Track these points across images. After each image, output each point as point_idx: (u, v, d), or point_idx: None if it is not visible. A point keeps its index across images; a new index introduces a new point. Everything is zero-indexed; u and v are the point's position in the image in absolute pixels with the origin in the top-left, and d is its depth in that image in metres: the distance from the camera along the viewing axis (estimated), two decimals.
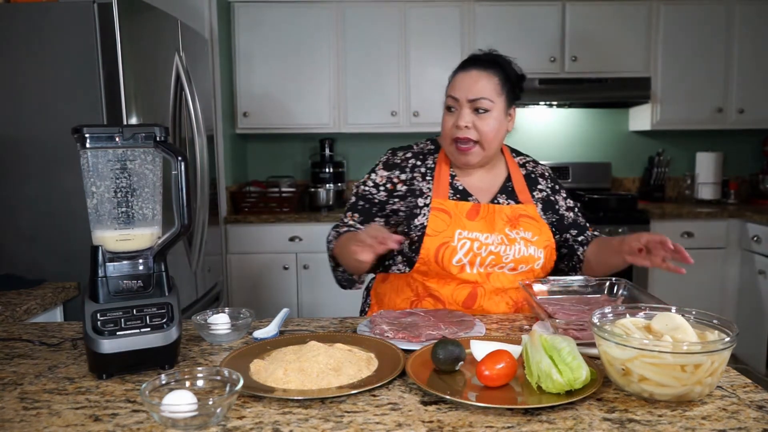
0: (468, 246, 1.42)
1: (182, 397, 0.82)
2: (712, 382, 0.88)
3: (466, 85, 1.43)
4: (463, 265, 1.43)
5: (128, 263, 1.05)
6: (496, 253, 1.43)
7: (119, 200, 1.03)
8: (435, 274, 1.45)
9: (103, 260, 1.03)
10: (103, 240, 1.04)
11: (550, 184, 1.60)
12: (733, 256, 3.46)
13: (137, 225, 1.05)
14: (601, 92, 3.63)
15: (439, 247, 1.42)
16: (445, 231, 1.43)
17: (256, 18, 3.56)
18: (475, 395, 0.91)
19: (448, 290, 1.45)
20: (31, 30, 1.89)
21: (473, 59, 1.49)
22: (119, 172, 1.02)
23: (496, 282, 1.45)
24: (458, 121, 1.43)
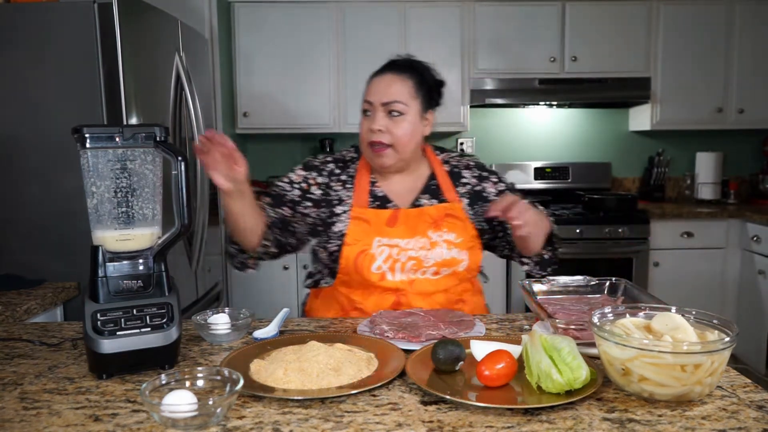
0: (387, 253, 1.41)
1: (182, 397, 0.82)
2: (712, 382, 0.88)
3: (380, 89, 1.43)
4: (383, 272, 1.41)
5: (128, 263, 1.05)
6: (417, 258, 1.41)
7: (119, 200, 1.03)
8: (358, 285, 1.44)
9: (103, 260, 1.03)
10: (104, 240, 1.04)
11: (476, 173, 1.55)
12: (733, 256, 3.46)
13: (137, 225, 1.05)
14: (601, 92, 3.64)
15: (357, 256, 1.41)
16: (363, 239, 1.42)
17: (256, 18, 3.56)
18: (475, 395, 0.91)
19: (372, 301, 1.44)
20: (31, 30, 1.89)
21: (390, 64, 1.51)
22: (119, 172, 1.02)
23: (420, 287, 1.43)
24: (372, 124, 1.42)
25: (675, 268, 3.45)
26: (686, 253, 3.45)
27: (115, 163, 1.02)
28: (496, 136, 4.04)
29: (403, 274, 1.42)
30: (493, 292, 3.44)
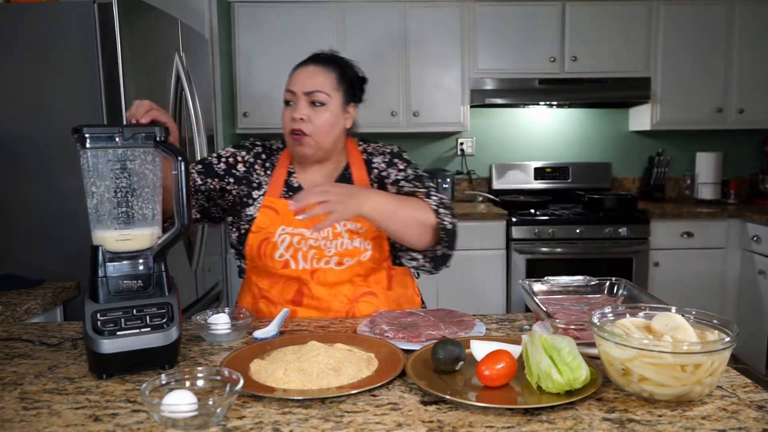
0: (288, 241, 1.42)
1: (182, 397, 0.82)
2: (712, 382, 0.88)
3: (303, 79, 1.44)
4: (286, 260, 1.42)
5: (128, 263, 1.05)
6: (317, 247, 1.41)
7: (119, 200, 1.03)
8: (266, 274, 1.46)
9: (103, 260, 1.03)
10: (103, 240, 1.04)
11: (387, 158, 1.53)
12: (733, 256, 3.46)
13: (137, 225, 1.05)
14: (601, 92, 3.64)
15: (260, 243, 1.43)
16: (268, 228, 1.44)
17: (256, 18, 3.56)
18: (475, 395, 0.91)
19: (277, 290, 1.45)
20: (31, 30, 1.89)
21: (313, 56, 1.51)
22: (119, 172, 1.02)
23: (323, 277, 1.43)
24: (294, 113, 1.43)
25: (675, 268, 3.45)
26: (686, 253, 3.45)
27: (115, 163, 1.02)
28: (496, 136, 4.04)
29: (306, 263, 1.42)
30: (494, 292, 3.44)
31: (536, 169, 3.96)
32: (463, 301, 3.37)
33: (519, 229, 3.38)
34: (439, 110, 3.65)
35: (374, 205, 1.27)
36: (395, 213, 1.31)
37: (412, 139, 3.98)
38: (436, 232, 1.37)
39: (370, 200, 1.27)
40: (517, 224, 3.38)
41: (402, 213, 1.32)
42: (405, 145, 1.69)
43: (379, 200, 1.29)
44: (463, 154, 4.02)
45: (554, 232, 3.38)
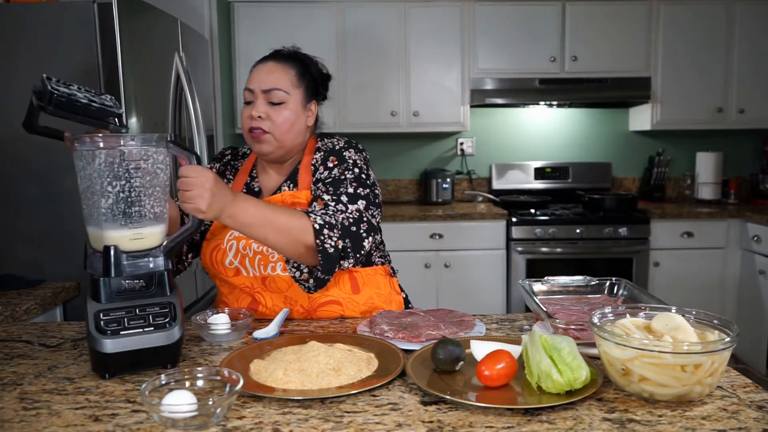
0: (236, 247, 1.38)
1: (182, 397, 0.82)
2: (712, 382, 0.88)
3: (261, 77, 1.40)
4: (236, 267, 1.38)
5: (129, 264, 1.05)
6: (261, 252, 1.37)
7: (132, 200, 1.03)
8: (222, 282, 1.43)
9: (116, 260, 1.02)
10: (118, 240, 1.03)
11: (324, 155, 1.43)
12: (733, 256, 3.46)
13: (148, 224, 1.05)
14: (601, 92, 3.63)
15: (212, 251, 1.41)
16: (221, 234, 1.41)
17: (256, 18, 3.56)
18: (475, 395, 0.91)
19: (234, 297, 1.43)
20: (31, 30, 1.89)
21: (273, 53, 1.47)
22: (133, 172, 1.02)
23: (273, 286, 1.38)
24: (252, 111, 1.39)
25: (675, 268, 3.45)
26: (686, 253, 3.45)
27: (129, 163, 1.02)
28: (496, 136, 4.04)
29: (255, 270, 1.38)
30: (494, 292, 3.44)
31: (536, 169, 3.96)
32: (463, 301, 3.37)
33: (519, 229, 3.38)
34: (439, 110, 3.65)
35: (235, 213, 1.15)
36: (261, 227, 1.18)
37: (412, 139, 3.98)
38: (315, 253, 1.25)
39: (233, 207, 1.14)
40: (517, 224, 3.38)
41: (272, 227, 1.19)
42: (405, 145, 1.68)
43: (244, 210, 1.16)
44: (463, 154, 4.02)
45: (554, 232, 3.38)
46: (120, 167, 1.01)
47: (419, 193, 4.03)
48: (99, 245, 1.03)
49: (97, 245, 1.04)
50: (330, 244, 1.24)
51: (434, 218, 3.39)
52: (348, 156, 1.41)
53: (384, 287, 1.50)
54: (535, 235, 3.38)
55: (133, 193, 1.02)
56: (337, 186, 1.36)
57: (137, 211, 1.03)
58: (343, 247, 1.26)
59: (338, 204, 1.32)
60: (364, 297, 1.45)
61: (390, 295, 1.52)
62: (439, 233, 3.40)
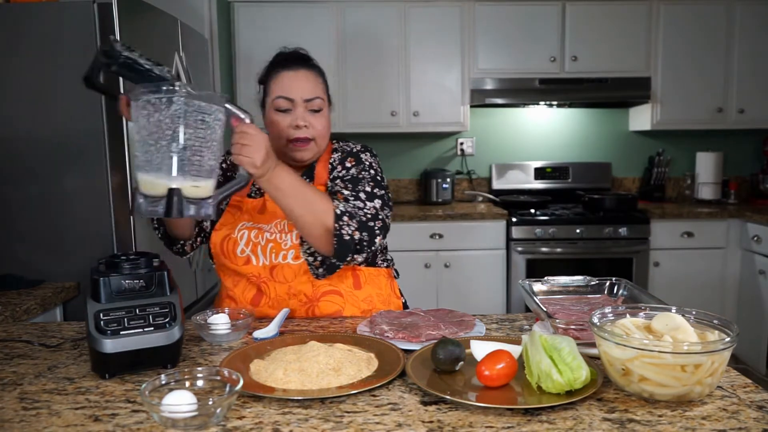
0: (247, 236, 1.42)
1: (182, 397, 0.82)
2: (712, 382, 0.88)
3: (300, 86, 1.43)
4: (247, 256, 1.41)
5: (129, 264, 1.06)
6: (274, 240, 1.41)
7: (195, 149, 1.05)
8: (231, 273, 1.45)
9: (179, 206, 1.04)
10: (181, 185, 1.05)
11: (341, 156, 1.50)
12: (733, 256, 3.46)
13: (205, 175, 1.08)
14: (601, 92, 3.63)
15: (223, 240, 1.43)
16: (230, 224, 1.45)
17: (256, 18, 3.56)
18: (475, 395, 0.91)
19: (239, 289, 1.45)
20: (31, 30, 1.89)
21: (298, 59, 1.50)
22: (200, 123, 1.06)
23: (280, 277, 1.41)
24: (297, 121, 1.42)
25: (675, 268, 3.45)
26: (686, 253, 3.45)
27: (198, 115, 1.06)
28: (496, 136, 4.04)
29: (265, 258, 1.41)
30: (494, 292, 3.44)
31: (536, 169, 3.96)
32: (463, 301, 3.37)
33: (519, 229, 3.38)
34: (439, 110, 3.65)
35: (277, 177, 1.22)
36: (293, 197, 1.24)
37: (412, 139, 3.98)
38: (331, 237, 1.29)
39: (277, 170, 1.22)
40: (517, 224, 3.38)
41: (301, 199, 1.25)
42: (405, 145, 1.69)
43: (284, 177, 1.23)
44: (463, 154, 4.02)
45: (554, 232, 3.38)
46: (190, 117, 1.05)
47: (419, 193, 4.03)
48: (156, 190, 1.05)
49: (153, 190, 1.05)
50: (347, 232, 1.29)
51: (434, 218, 3.39)
52: (365, 159, 1.48)
53: (384, 288, 1.52)
54: (535, 235, 3.38)
55: (197, 143, 1.06)
56: (355, 183, 1.41)
57: (198, 161, 1.06)
58: (359, 239, 1.31)
59: (357, 200, 1.36)
60: (364, 294, 1.47)
61: (389, 297, 1.53)
62: (439, 233, 3.40)
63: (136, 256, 1.08)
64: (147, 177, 1.05)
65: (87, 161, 1.92)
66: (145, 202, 1.06)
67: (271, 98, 1.45)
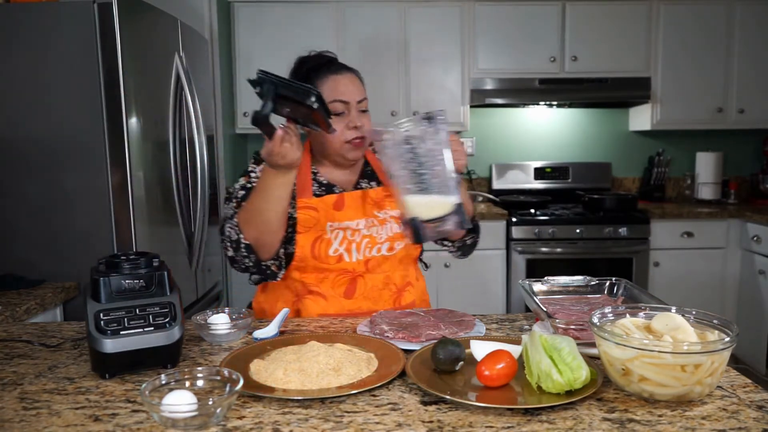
0: (342, 235, 1.46)
1: (182, 397, 0.82)
2: (712, 382, 0.88)
3: (351, 89, 1.49)
4: (340, 254, 1.46)
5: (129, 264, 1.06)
6: (370, 236, 1.48)
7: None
8: (313, 269, 1.47)
9: (463, 216, 1.14)
10: (450, 203, 1.13)
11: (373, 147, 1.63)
12: (733, 256, 3.46)
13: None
14: (601, 92, 3.63)
15: (313, 242, 1.45)
16: (315, 226, 1.46)
17: (256, 18, 3.56)
18: (475, 395, 0.91)
19: (327, 284, 1.47)
20: (31, 30, 1.89)
21: (338, 63, 1.54)
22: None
23: (377, 269, 1.49)
24: (354, 122, 1.47)
25: (675, 268, 3.45)
26: (686, 253, 3.45)
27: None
28: (496, 136, 4.04)
29: (359, 254, 1.48)
30: (493, 292, 3.44)
31: (536, 169, 3.96)
32: (463, 301, 3.37)
33: (519, 229, 3.38)
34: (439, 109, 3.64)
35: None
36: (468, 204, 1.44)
37: None
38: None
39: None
40: (517, 224, 3.38)
41: (466, 193, 1.42)
42: None
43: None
44: None
45: (554, 232, 3.38)
46: (444, 143, 1.13)
47: None
48: (440, 211, 1.11)
49: (435, 212, 1.12)
50: (474, 212, 1.51)
51: None
52: None
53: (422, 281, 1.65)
54: (535, 235, 3.38)
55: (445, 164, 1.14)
56: None
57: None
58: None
59: None
60: (421, 285, 1.62)
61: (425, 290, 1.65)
62: None
63: (136, 256, 1.08)
64: (428, 200, 1.11)
65: (87, 161, 1.93)
66: (431, 227, 1.13)
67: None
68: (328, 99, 1.46)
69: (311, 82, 1.50)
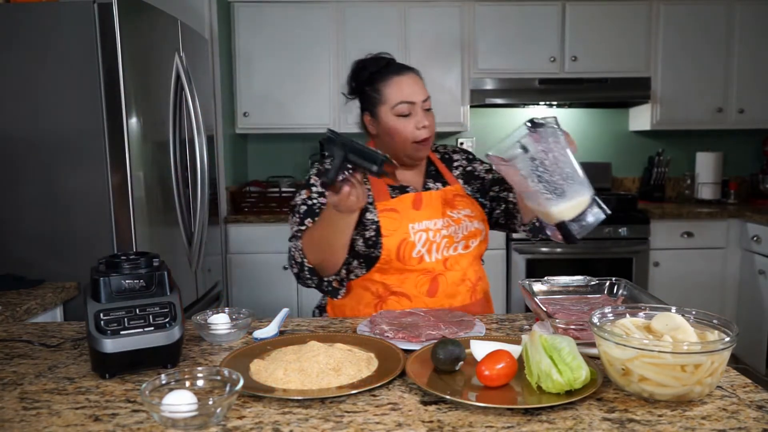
0: (424, 237, 1.48)
1: (182, 397, 0.82)
2: (712, 382, 0.88)
3: (416, 89, 1.50)
4: (421, 255, 1.48)
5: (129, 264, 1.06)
6: (449, 236, 1.50)
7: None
8: (395, 271, 1.48)
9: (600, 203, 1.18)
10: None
11: (464, 155, 1.69)
12: (733, 256, 3.46)
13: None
14: (601, 92, 3.64)
15: (399, 245, 1.46)
16: (398, 228, 1.47)
17: (256, 18, 3.56)
18: (475, 395, 0.91)
19: (410, 283, 1.48)
20: (31, 30, 1.89)
21: (400, 64, 1.56)
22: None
23: (455, 266, 1.51)
24: (421, 122, 1.49)
25: (675, 268, 3.45)
26: (686, 253, 3.45)
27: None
28: (496, 136, 4.04)
29: (438, 254, 1.49)
30: (494, 292, 3.43)
31: None
32: None
33: None
34: (439, 110, 3.62)
35: None
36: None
37: None
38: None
39: None
40: None
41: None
42: None
43: None
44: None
45: None
46: (565, 145, 1.17)
47: None
48: (581, 207, 1.16)
49: (578, 209, 1.16)
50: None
51: None
52: (464, 150, 1.72)
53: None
54: None
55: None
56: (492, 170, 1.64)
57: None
58: None
59: None
60: (486, 278, 1.66)
61: (488, 284, 1.71)
62: None
63: (136, 255, 1.08)
64: (571, 202, 1.15)
65: (87, 161, 1.93)
66: (577, 225, 1.16)
67: (391, 105, 1.50)
68: (393, 101, 1.48)
69: (375, 86, 1.52)
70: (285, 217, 3.39)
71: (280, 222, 3.39)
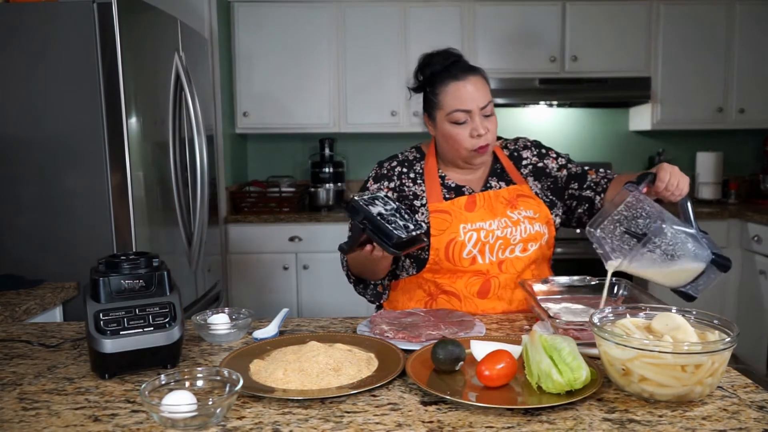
0: (475, 237, 1.44)
1: (182, 398, 0.82)
2: (712, 382, 0.88)
3: (474, 95, 1.45)
4: (473, 256, 1.45)
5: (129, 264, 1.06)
6: (504, 237, 1.45)
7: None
8: (446, 271, 1.47)
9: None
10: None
11: (535, 151, 1.60)
12: (733, 256, 3.45)
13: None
14: (601, 92, 3.63)
15: (448, 245, 1.44)
16: (449, 228, 1.45)
17: (256, 18, 3.56)
18: (475, 395, 0.91)
19: (461, 284, 1.47)
20: (31, 30, 1.89)
21: (463, 66, 1.52)
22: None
23: (510, 269, 1.47)
24: (478, 130, 1.44)
25: None
26: None
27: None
28: None
29: (492, 255, 1.46)
30: None
31: None
32: None
33: None
34: None
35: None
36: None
37: (412, 139, 3.95)
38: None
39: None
40: None
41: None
42: (405, 145, 1.68)
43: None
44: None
45: None
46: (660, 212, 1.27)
47: None
48: (691, 276, 1.20)
49: (689, 277, 1.20)
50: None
51: None
52: (536, 143, 1.63)
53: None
54: None
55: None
56: (574, 162, 1.59)
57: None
58: None
59: (600, 171, 1.57)
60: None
61: None
62: None
63: (136, 256, 1.08)
64: (679, 267, 1.18)
65: (86, 161, 1.92)
66: (694, 288, 1.19)
67: (446, 112, 1.46)
68: (449, 108, 1.45)
69: (433, 89, 1.50)
70: (285, 217, 3.40)
71: (280, 222, 3.39)
